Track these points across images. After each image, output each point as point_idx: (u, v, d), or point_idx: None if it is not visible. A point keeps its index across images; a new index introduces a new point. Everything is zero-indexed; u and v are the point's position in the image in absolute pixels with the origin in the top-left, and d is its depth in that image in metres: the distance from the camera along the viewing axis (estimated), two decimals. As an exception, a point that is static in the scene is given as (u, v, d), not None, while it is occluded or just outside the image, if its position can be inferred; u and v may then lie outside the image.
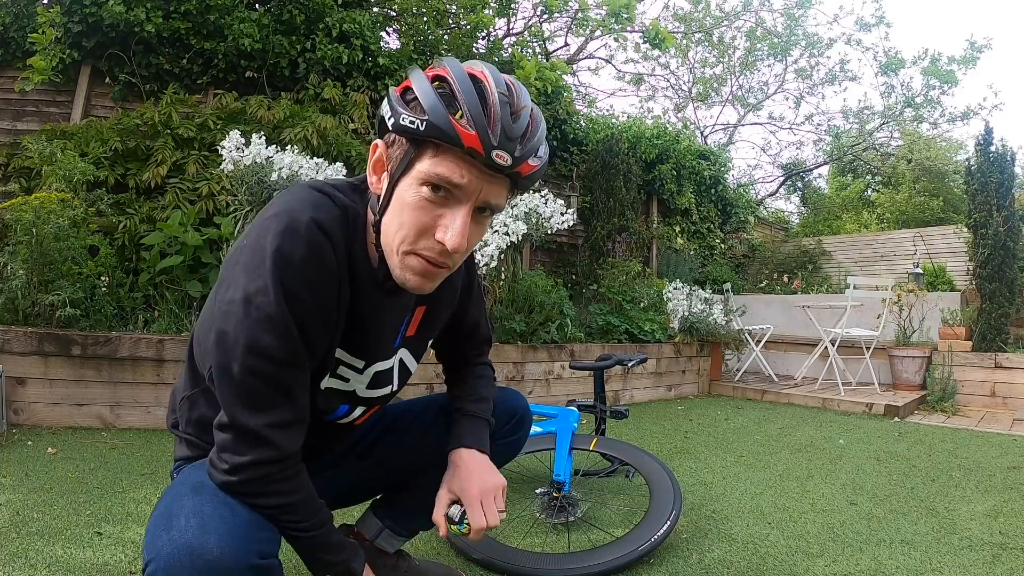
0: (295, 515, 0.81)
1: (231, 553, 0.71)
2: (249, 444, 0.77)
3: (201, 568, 0.70)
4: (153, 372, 2.74)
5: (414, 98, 0.76)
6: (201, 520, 0.73)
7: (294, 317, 0.76)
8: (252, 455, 0.77)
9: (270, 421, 0.77)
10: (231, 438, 0.78)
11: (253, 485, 0.78)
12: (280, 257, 0.75)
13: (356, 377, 0.95)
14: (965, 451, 3.10)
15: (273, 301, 0.75)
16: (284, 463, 0.79)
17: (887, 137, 13.16)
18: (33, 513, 1.65)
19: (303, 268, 0.76)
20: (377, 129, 0.83)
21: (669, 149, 7.01)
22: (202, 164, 3.89)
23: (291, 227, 0.76)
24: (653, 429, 3.49)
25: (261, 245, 0.76)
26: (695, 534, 1.79)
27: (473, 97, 0.74)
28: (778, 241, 9.56)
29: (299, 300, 0.76)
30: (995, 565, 1.61)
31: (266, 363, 0.76)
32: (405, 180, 0.78)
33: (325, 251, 0.78)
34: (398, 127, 0.75)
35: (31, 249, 2.75)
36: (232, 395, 0.78)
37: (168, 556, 0.70)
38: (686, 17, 12.29)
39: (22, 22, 4.30)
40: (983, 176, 4.84)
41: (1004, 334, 4.76)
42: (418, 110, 0.74)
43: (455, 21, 5.76)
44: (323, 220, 0.79)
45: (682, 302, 4.98)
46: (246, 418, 0.77)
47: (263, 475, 0.78)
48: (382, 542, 1.24)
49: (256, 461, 0.77)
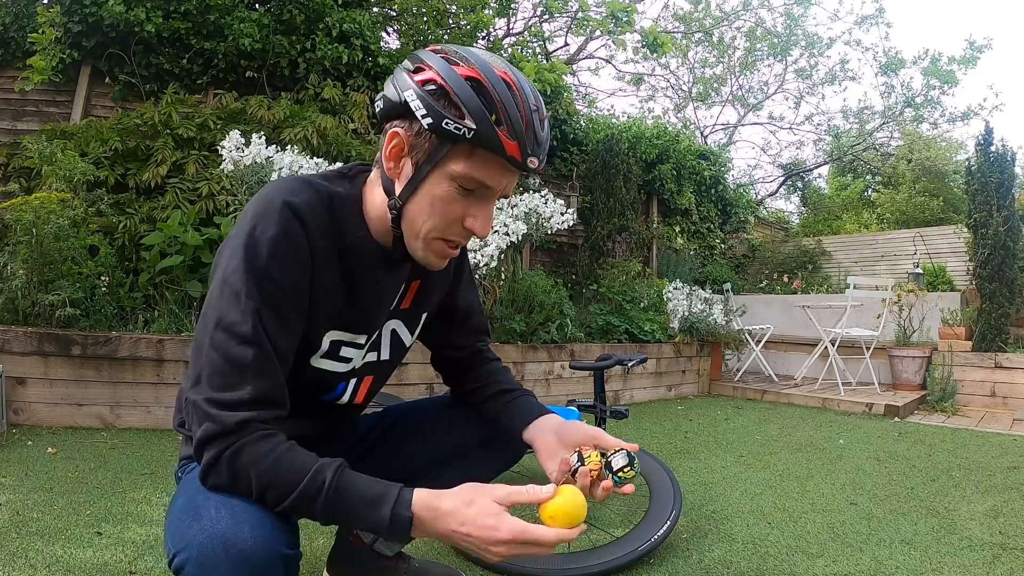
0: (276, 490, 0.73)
1: (264, 543, 0.71)
2: (199, 419, 0.74)
3: (236, 558, 0.69)
4: (153, 372, 2.74)
5: (445, 95, 0.77)
6: (232, 511, 0.72)
7: (261, 296, 0.77)
8: (201, 431, 0.74)
9: (225, 398, 0.74)
10: (192, 415, 0.75)
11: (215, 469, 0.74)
12: (251, 238, 0.78)
13: (358, 354, 0.96)
14: (965, 451, 3.10)
15: (242, 279, 0.76)
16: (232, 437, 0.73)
17: (887, 137, 13.18)
18: (33, 513, 1.65)
19: (272, 248, 0.78)
20: (386, 111, 0.83)
21: (669, 149, 7.01)
22: (202, 164, 3.89)
23: (264, 210, 0.80)
24: (653, 429, 3.49)
25: (239, 230, 0.80)
26: (695, 534, 1.79)
27: (513, 108, 0.77)
28: (778, 241, 9.57)
29: (268, 279, 0.78)
30: (995, 565, 1.61)
31: (229, 339, 0.75)
32: (436, 175, 0.81)
33: (296, 233, 0.80)
34: (439, 130, 0.77)
35: (31, 249, 2.75)
36: (198, 372, 0.76)
37: (201, 545, 0.69)
38: (686, 17, 12.29)
39: (22, 22, 4.30)
40: (983, 176, 4.84)
41: (1004, 334, 4.76)
42: (457, 114, 0.77)
43: (455, 21, 5.76)
44: (297, 204, 0.81)
45: (682, 302, 4.98)
46: (203, 392, 0.74)
47: (216, 455, 0.73)
48: (380, 546, 1.23)
49: (206, 436, 0.73)
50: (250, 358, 0.76)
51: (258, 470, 0.73)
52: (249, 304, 0.76)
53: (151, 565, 1.40)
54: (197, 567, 0.69)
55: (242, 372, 0.75)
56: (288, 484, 0.73)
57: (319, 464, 0.74)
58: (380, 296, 0.95)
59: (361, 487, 0.75)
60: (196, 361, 0.77)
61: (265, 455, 0.73)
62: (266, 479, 0.73)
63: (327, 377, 0.95)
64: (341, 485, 0.74)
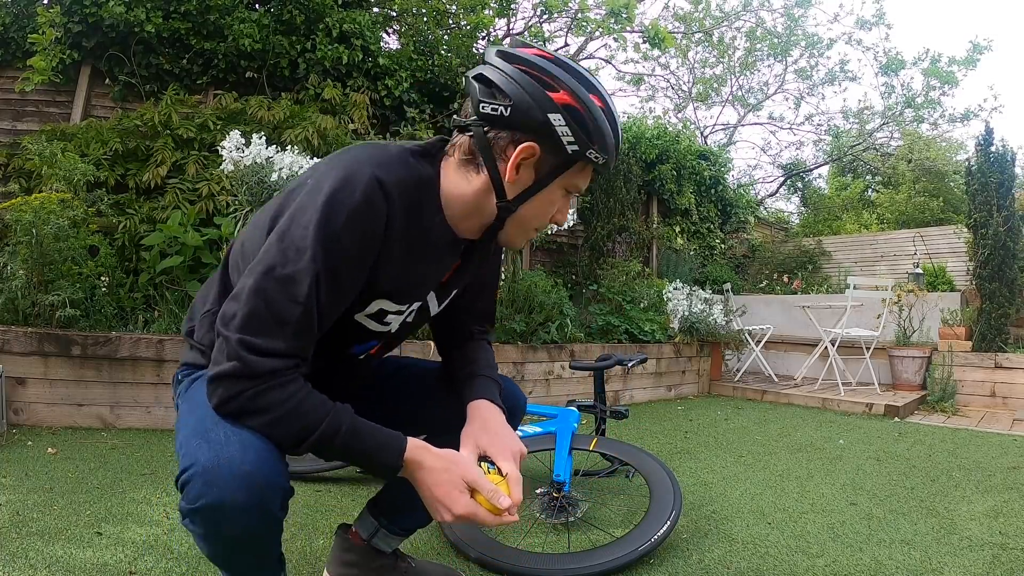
0: (296, 429, 0.78)
1: (267, 472, 0.76)
2: (228, 355, 0.77)
3: (240, 477, 0.74)
4: (153, 372, 2.74)
5: (584, 125, 0.86)
6: (241, 438, 0.77)
7: (325, 261, 0.79)
8: (228, 367, 0.77)
9: (260, 344, 0.77)
10: (219, 346, 0.79)
11: (232, 403, 0.78)
12: (332, 201, 0.79)
13: (397, 320, 1.00)
14: (965, 451, 3.10)
15: (311, 238, 0.78)
16: (258, 381, 0.77)
17: (887, 137, 13.17)
18: (33, 513, 1.65)
19: (351, 217, 0.80)
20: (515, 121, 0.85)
21: (669, 149, 7.01)
22: (202, 164, 3.89)
23: (352, 177, 0.81)
24: (653, 429, 3.49)
25: (319, 187, 0.81)
26: (695, 534, 1.79)
27: (617, 130, 0.90)
28: (778, 241, 9.56)
29: (337, 246, 0.80)
30: (995, 565, 1.61)
31: (280, 293, 0.78)
32: (555, 184, 0.90)
33: (379, 209, 0.82)
34: (583, 157, 0.87)
35: (31, 249, 2.75)
36: (236, 310, 0.79)
37: (207, 462, 0.74)
38: (686, 17, 12.28)
39: (22, 22, 4.30)
40: (983, 176, 4.84)
41: (1004, 334, 4.76)
42: (598, 145, 0.87)
43: (455, 21, 5.76)
44: (387, 181, 0.83)
45: (682, 302, 4.98)
46: (238, 333, 0.77)
47: (237, 392, 0.77)
48: (379, 542, 1.24)
49: (230, 373, 0.77)
50: (295, 318, 0.78)
51: (280, 411, 0.78)
52: (311, 267, 0.78)
53: (151, 565, 1.40)
54: (203, 484, 0.74)
55: (282, 327, 0.78)
56: (308, 425, 0.79)
57: (336, 409, 0.81)
58: (430, 272, 0.99)
59: (370, 432, 0.84)
60: (236, 296, 0.80)
61: (288, 398, 0.78)
62: (288, 419, 0.78)
63: (364, 334, 0.99)
64: (355, 429, 0.82)
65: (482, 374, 1.10)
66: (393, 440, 0.85)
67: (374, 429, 0.84)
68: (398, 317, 1.00)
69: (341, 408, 0.82)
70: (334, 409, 0.81)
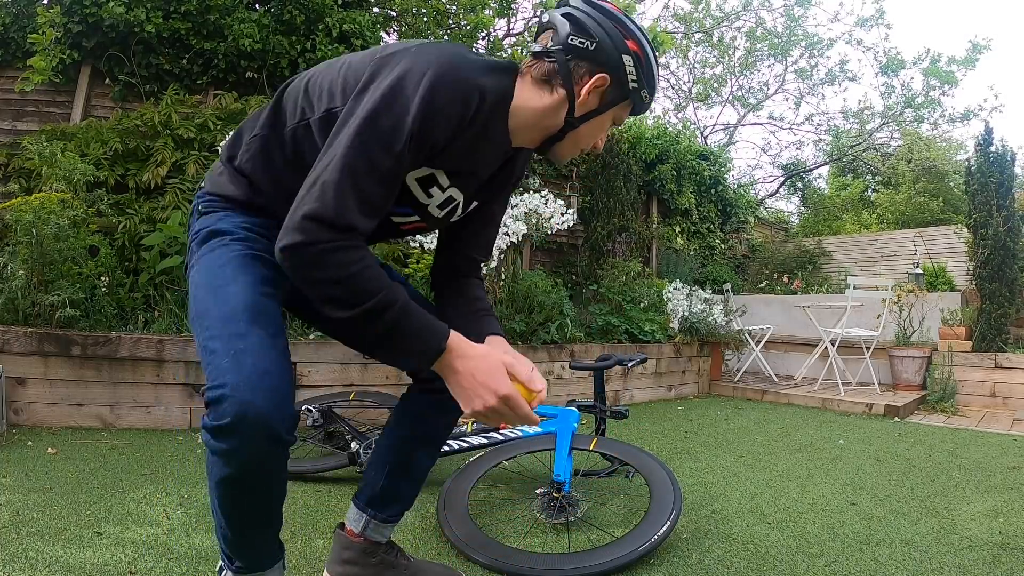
0: (355, 286, 0.87)
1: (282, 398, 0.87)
2: (311, 200, 0.86)
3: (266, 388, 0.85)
4: (153, 372, 2.74)
5: (642, 70, 1.03)
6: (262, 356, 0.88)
7: (411, 145, 0.90)
8: (317, 209, 0.86)
9: (343, 206, 0.86)
10: (310, 188, 0.88)
11: (309, 249, 0.85)
12: (438, 84, 0.90)
13: (438, 198, 1.09)
14: (965, 451, 3.10)
15: (415, 106, 0.89)
16: (339, 234, 0.86)
17: (887, 137, 13.17)
18: (33, 513, 1.65)
19: (448, 103, 0.92)
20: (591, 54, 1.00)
21: (669, 149, 7.01)
22: (202, 164, 3.89)
23: (447, 73, 0.92)
24: (653, 429, 3.49)
25: (427, 65, 0.91)
26: (695, 534, 1.79)
27: (658, 81, 1.08)
28: (778, 241, 9.56)
29: (426, 133, 0.91)
30: (995, 565, 1.61)
31: (369, 170, 0.88)
32: (610, 112, 1.06)
33: (470, 106, 0.95)
34: (636, 95, 1.05)
35: (31, 249, 2.75)
36: (316, 176, 0.88)
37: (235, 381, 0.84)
38: (686, 17, 12.30)
39: (22, 22, 4.30)
40: (983, 176, 4.84)
41: (1004, 334, 4.76)
42: (648, 86, 1.05)
43: (455, 21, 5.75)
44: (485, 86, 0.97)
45: (682, 302, 4.98)
46: (321, 198, 0.86)
47: (317, 240, 0.85)
48: (371, 533, 1.27)
49: (320, 217, 0.85)
50: (377, 196, 0.90)
51: (348, 271, 0.87)
52: (411, 127, 0.89)
53: (151, 565, 1.40)
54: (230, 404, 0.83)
55: (363, 202, 0.88)
56: (370, 290, 0.88)
57: (393, 284, 0.91)
58: (482, 173, 1.11)
59: (420, 314, 0.92)
60: (335, 143, 0.89)
61: (358, 260, 0.88)
62: (353, 280, 0.87)
63: (407, 197, 1.07)
64: (408, 307, 0.90)
65: (491, 313, 1.21)
66: (439, 325, 0.94)
67: (423, 312, 0.93)
68: (439, 195, 1.08)
69: (398, 285, 0.91)
70: (392, 284, 0.90)
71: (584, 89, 1.01)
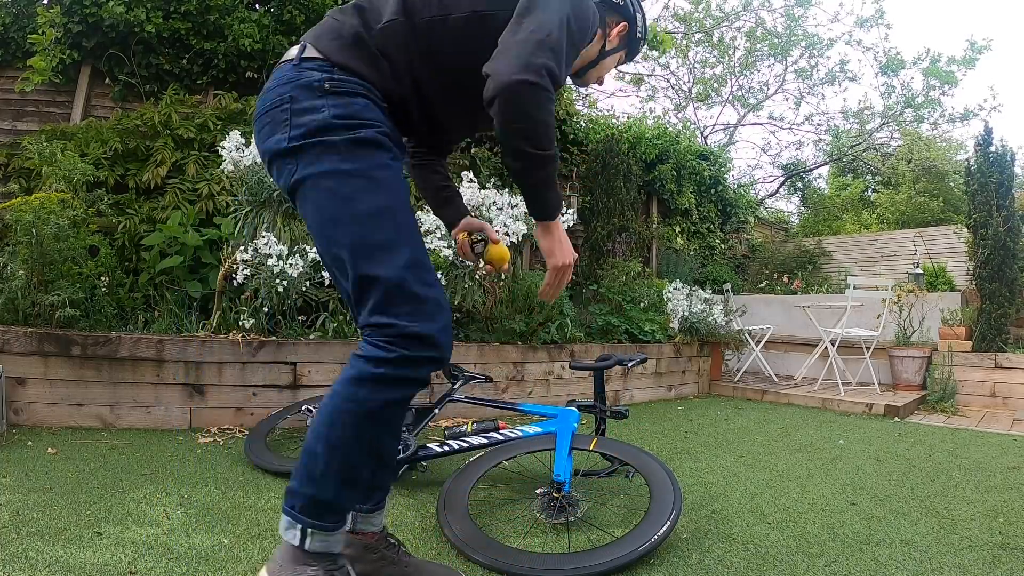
0: (550, 134, 1.09)
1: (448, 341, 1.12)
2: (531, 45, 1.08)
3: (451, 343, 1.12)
4: (153, 372, 2.74)
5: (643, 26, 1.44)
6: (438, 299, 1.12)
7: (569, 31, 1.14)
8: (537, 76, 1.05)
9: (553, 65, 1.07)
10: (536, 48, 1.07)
11: (539, 96, 1.05)
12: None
13: None
14: (965, 451, 3.10)
15: (589, 22, 1.22)
16: (551, 92, 1.07)
17: (887, 137, 13.17)
18: (33, 513, 1.65)
19: (590, 20, 1.23)
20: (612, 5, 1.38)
21: (669, 149, 7.01)
22: (202, 164, 3.89)
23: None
24: (653, 429, 3.49)
25: None
26: (695, 534, 1.79)
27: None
28: (778, 241, 9.56)
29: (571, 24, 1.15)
30: (995, 565, 1.61)
31: (560, 30, 1.10)
32: (619, 53, 1.45)
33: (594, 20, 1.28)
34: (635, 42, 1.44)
35: (31, 249, 2.75)
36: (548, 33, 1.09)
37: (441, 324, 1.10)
38: (686, 17, 12.29)
39: (22, 22, 4.30)
40: (983, 176, 4.84)
41: (1004, 334, 4.76)
42: (643, 38, 1.45)
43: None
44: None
45: (682, 302, 4.98)
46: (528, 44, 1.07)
47: (544, 95, 1.06)
48: (363, 526, 1.28)
49: (540, 82, 1.05)
50: (568, 71, 1.19)
51: (552, 120, 1.09)
52: (587, 38, 1.23)
53: (151, 565, 1.40)
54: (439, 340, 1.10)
55: (567, 68, 1.16)
56: (553, 140, 1.10)
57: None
58: None
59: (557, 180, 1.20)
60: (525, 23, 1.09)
61: (553, 113, 1.10)
62: (549, 129, 1.09)
63: None
64: (557, 167, 1.17)
65: (459, 194, 1.51)
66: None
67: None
68: None
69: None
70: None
71: (614, 32, 1.40)
